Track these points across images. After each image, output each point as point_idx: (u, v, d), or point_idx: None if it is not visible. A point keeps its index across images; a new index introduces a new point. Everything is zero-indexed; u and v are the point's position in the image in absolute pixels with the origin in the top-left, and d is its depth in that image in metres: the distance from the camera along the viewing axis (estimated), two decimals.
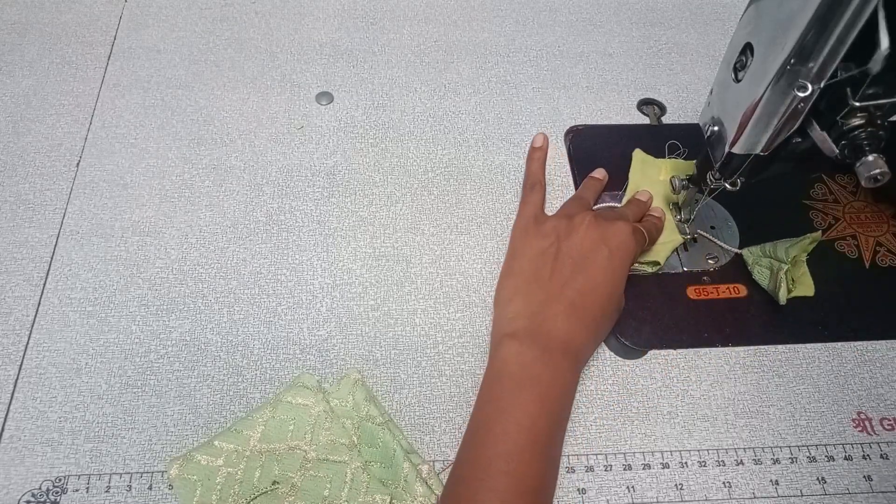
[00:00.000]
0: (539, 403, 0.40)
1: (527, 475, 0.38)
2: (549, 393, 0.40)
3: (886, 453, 0.45)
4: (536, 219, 0.49)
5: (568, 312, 0.43)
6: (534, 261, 0.46)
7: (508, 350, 0.42)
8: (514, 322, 0.44)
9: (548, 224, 0.48)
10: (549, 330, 0.43)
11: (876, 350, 0.49)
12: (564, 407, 0.42)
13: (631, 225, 0.47)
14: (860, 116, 0.39)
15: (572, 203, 0.52)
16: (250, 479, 0.41)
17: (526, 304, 0.44)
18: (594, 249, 0.45)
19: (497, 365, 0.42)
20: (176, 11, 0.67)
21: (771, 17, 0.38)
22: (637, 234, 0.48)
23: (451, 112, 0.61)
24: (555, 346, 0.42)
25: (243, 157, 0.57)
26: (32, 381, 0.46)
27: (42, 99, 0.60)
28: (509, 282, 0.47)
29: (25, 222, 0.53)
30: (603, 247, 0.46)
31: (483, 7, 0.69)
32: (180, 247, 0.52)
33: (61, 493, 0.42)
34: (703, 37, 0.68)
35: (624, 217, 0.49)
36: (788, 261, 0.49)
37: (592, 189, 0.54)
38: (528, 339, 0.42)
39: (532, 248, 0.47)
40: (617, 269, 0.45)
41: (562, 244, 0.46)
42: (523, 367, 0.41)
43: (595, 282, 0.45)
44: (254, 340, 0.48)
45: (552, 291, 0.44)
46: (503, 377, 0.41)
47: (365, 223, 0.54)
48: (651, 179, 0.55)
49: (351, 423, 0.44)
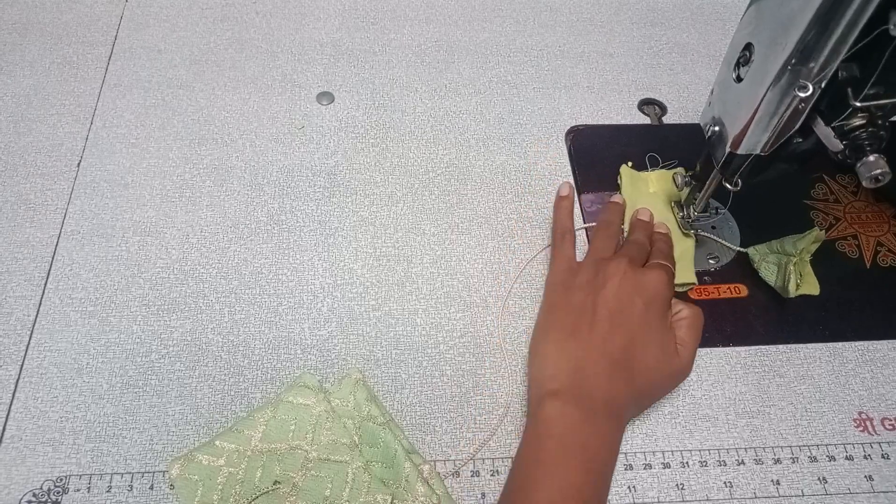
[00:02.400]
0: (584, 469, 0.38)
1: None
2: (595, 459, 0.39)
3: (888, 453, 0.45)
4: (570, 271, 0.48)
5: (610, 371, 0.42)
6: (571, 315, 0.45)
7: (552, 410, 0.40)
8: (554, 379, 0.42)
9: (581, 275, 0.46)
10: (592, 389, 0.41)
11: (877, 350, 0.49)
12: (608, 470, 0.40)
13: (665, 270, 0.46)
14: (861, 117, 0.39)
15: (601, 237, 0.50)
16: (252, 478, 0.41)
17: (567, 360, 0.43)
18: (629, 302, 0.44)
19: (540, 427, 0.40)
20: (177, 11, 0.67)
21: (772, 17, 0.38)
22: (670, 278, 0.46)
23: (451, 112, 0.61)
24: (599, 407, 0.41)
25: (244, 157, 0.57)
26: (34, 381, 0.46)
27: (43, 99, 0.60)
28: (547, 337, 0.45)
29: (26, 222, 0.53)
30: (638, 300, 0.44)
31: (483, 7, 0.69)
32: (181, 247, 0.52)
33: (62, 493, 0.42)
34: (704, 37, 0.68)
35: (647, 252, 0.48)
36: (797, 253, 0.49)
37: (616, 214, 0.52)
38: (571, 400, 0.41)
39: (568, 303, 0.45)
40: (655, 322, 0.44)
41: (598, 297, 0.44)
42: (567, 430, 0.40)
43: (634, 338, 0.43)
44: (255, 340, 0.48)
45: (592, 347, 0.43)
46: (547, 440, 0.40)
47: (366, 223, 0.54)
48: (643, 193, 0.55)
49: (352, 423, 0.44)
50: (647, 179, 0.55)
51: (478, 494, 0.43)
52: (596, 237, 0.50)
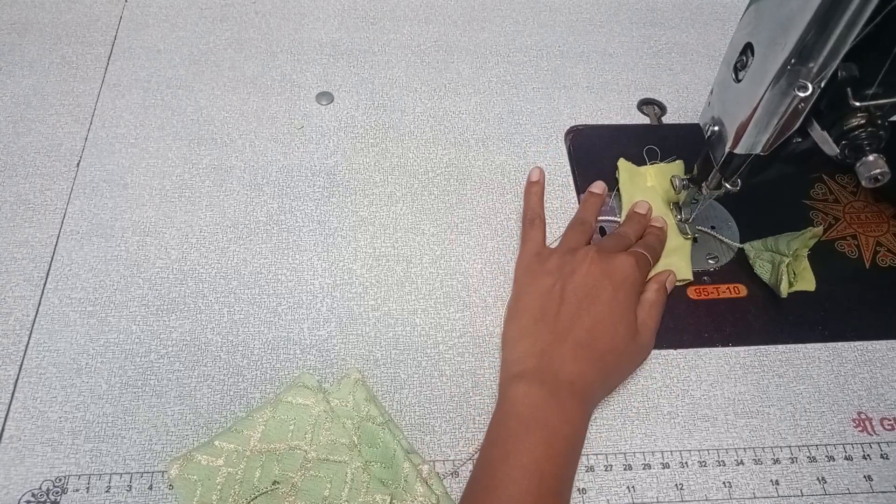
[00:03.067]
0: (546, 446, 0.39)
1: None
2: (556, 435, 0.40)
3: (887, 453, 0.45)
4: (539, 256, 0.48)
5: (575, 352, 0.43)
6: (539, 300, 0.46)
7: (516, 391, 0.41)
8: (521, 363, 0.43)
9: (550, 261, 0.47)
10: (557, 371, 0.42)
11: (876, 350, 0.49)
12: (573, 448, 0.41)
13: (633, 256, 0.47)
14: (860, 116, 0.39)
15: (574, 231, 0.51)
16: (251, 479, 0.41)
17: (533, 344, 0.44)
18: (598, 286, 0.45)
19: (505, 406, 0.42)
20: (176, 11, 0.67)
21: (771, 17, 0.38)
22: (641, 264, 0.47)
23: (451, 112, 0.61)
24: (562, 386, 0.41)
25: (243, 157, 0.57)
26: (33, 381, 0.46)
27: (42, 99, 0.60)
28: (515, 322, 0.46)
29: (26, 222, 0.53)
30: (607, 283, 0.45)
31: (483, 7, 0.69)
32: (180, 247, 0.52)
33: (61, 493, 0.42)
34: (704, 37, 0.68)
35: (625, 246, 0.49)
36: (790, 254, 0.49)
37: (593, 208, 0.53)
38: (535, 380, 0.42)
39: (536, 288, 0.46)
40: (622, 305, 0.45)
41: (566, 283, 0.45)
42: (530, 409, 0.40)
43: (601, 320, 0.44)
44: (254, 340, 0.48)
45: (559, 331, 0.44)
46: (510, 419, 0.41)
47: (365, 223, 0.54)
48: (640, 188, 0.55)
49: (351, 423, 0.44)
50: (644, 174, 0.55)
51: None
52: (568, 231, 0.51)
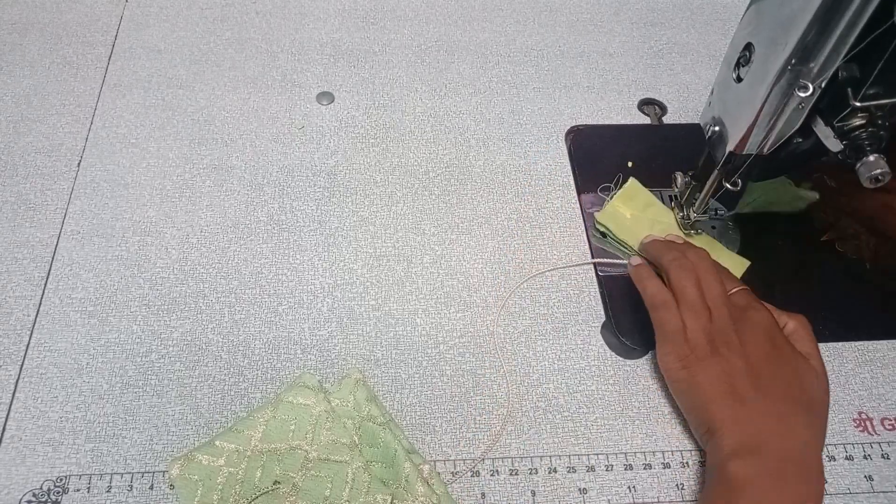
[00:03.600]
0: None
1: None
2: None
3: (887, 453, 0.45)
4: (687, 342, 0.44)
5: (786, 424, 0.40)
6: (720, 384, 0.42)
7: (740, 472, 0.39)
8: (737, 447, 0.40)
9: (701, 341, 0.43)
10: (777, 451, 0.39)
11: (876, 350, 0.49)
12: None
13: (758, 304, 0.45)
14: (861, 117, 0.39)
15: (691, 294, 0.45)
16: (251, 478, 0.41)
17: (741, 429, 0.40)
18: (758, 344, 0.43)
19: (728, 488, 0.39)
20: (176, 11, 0.67)
21: (772, 17, 0.38)
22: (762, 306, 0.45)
23: (451, 112, 0.61)
24: (788, 468, 0.39)
25: (244, 157, 0.57)
26: (33, 381, 0.46)
27: (43, 99, 0.60)
28: (711, 412, 0.42)
29: (26, 222, 0.53)
30: (762, 338, 0.43)
31: (483, 7, 0.69)
32: (181, 247, 0.52)
33: (62, 493, 0.42)
34: (704, 37, 0.68)
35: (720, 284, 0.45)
36: None
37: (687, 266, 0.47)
38: (760, 465, 0.39)
39: (708, 373, 0.42)
40: (787, 352, 0.43)
41: (732, 356, 0.42)
42: (759, 492, 0.38)
43: (787, 376, 0.42)
44: (255, 340, 0.48)
45: (759, 408, 0.41)
46: (738, 501, 0.38)
47: (366, 223, 0.54)
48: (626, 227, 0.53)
49: (352, 423, 0.44)
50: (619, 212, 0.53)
51: (477, 494, 0.43)
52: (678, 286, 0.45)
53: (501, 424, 0.45)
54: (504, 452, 0.44)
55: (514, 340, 0.49)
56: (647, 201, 0.54)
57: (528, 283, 0.52)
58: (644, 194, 0.54)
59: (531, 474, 0.44)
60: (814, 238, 0.54)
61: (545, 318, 0.50)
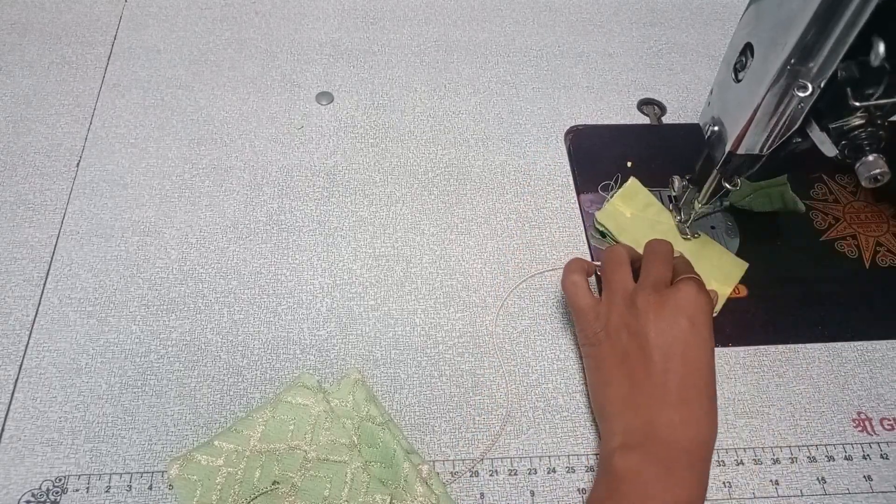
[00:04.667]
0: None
1: None
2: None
3: (886, 453, 0.45)
4: (598, 320, 0.44)
5: (682, 413, 0.39)
6: (621, 367, 0.42)
7: (623, 466, 0.39)
8: (626, 434, 0.40)
9: (614, 321, 0.43)
10: (667, 439, 0.39)
11: (876, 350, 0.49)
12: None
13: (693, 282, 0.43)
14: (860, 116, 0.39)
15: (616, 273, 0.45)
16: (250, 479, 0.41)
17: (634, 414, 0.40)
18: (673, 327, 0.41)
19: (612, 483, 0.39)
20: (176, 11, 0.67)
21: (771, 17, 0.38)
22: (700, 284, 0.43)
23: (451, 112, 0.61)
24: (677, 457, 0.39)
25: (243, 157, 0.57)
26: (32, 381, 0.46)
27: (42, 99, 0.60)
28: (606, 394, 0.43)
29: (25, 222, 0.53)
30: (682, 320, 0.41)
31: (483, 7, 0.69)
32: (180, 247, 0.52)
33: (61, 493, 0.42)
34: (703, 37, 0.68)
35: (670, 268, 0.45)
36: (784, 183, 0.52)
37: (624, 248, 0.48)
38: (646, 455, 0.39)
39: (612, 354, 0.43)
40: (704, 335, 0.41)
41: (640, 339, 0.42)
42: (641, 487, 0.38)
43: (693, 363, 0.41)
44: (254, 340, 0.48)
45: (655, 394, 0.40)
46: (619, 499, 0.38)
47: (365, 223, 0.54)
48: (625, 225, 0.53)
49: (351, 423, 0.44)
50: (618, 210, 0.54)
51: (477, 494, 0.43)
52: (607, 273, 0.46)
53: (500, 424, 0.45)
54: (503, 452, 0.44)
55: (513, 340, 0.49)
56: (648, 201, 0.54)
57: (528, 282, 0.52)
58: (644, 194, 0.54)
59: (530, 474, 0.44)
60: (814, 238, 0.54)
61: (545, 318, 0.50)
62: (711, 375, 0.41)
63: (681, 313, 0.41)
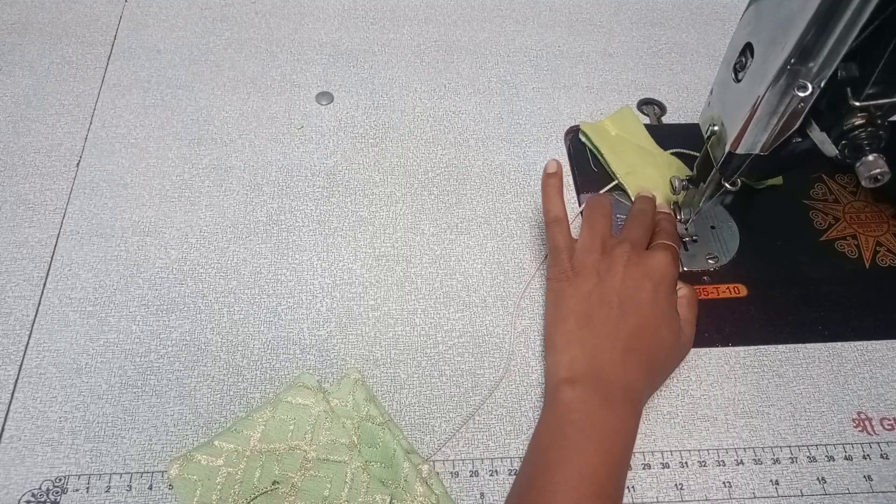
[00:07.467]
0: (603, 453, 0.39)
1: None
2: (613, 441, 0.40)
3: (886, 453, 0.45)
4: (571, 259, 0.47)
5: (625, 357, 0.43)
6: (580, 305, 0.45)
7: (569, 396, 0.41)
8: (571, 368, 0.43)
9: (586, 264, 0.46)
10: (609, 376, 0.42)
11: (876, 350, 0.49)
12: (626, 454, 0.41)
13: (668, 251, 0.47)
14: (860, 116, 0.39)
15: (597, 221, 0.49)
16: (250, 479, 0.41)
17: (582, 349, 0.43)
18: (638, 287, 0.45)
19: (557, 411, 0.41)
20: (176, 11, 0.67)
21: (771, 17, 0.38)
22: (675, 258, 0.47)
23: (451, 112, 0.61)
24: (615, 392, 0.41)
25: (243, 157, 0.57)
26: (32, 381, 0.46)
27: (42, 99, 0.60)
28: (560, 327, 0.45)
29: (25, 222, 0.53)
30: (647, 282, 0.45)
31: (483, 7, 0.69)
32: (180, 247, 0.52)
33: (61, 493, 0.42)
34: (703, 37, 0.68)
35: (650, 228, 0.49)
36: None
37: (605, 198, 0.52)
38: (589, 386, 0.41)
39: (576, 291, 0.45)
40: (663, 304, 0.45)
41: (605, 285, 0.45)
42: (586, 415, 0.40)
43: (646, 321, 0.44)
44: (254, 340, 0.48)
45: (606, 335, 0.43)
46: (566, 425, 0.40)
47: (365, 223, 0.54)
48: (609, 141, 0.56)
49: (351, 423, 0.44)
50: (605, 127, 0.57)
51: (477, 494, 0.43)
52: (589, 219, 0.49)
53: (501, 424, 0.45)
54: (503, 452, 0.44)
55: (513, 340, 0.49)
56: (636, 129, 0.55)
57: (528, 283, 0.52)
58: (633, 120, 0.55)
59: None
60: (814, 238, 0.54)
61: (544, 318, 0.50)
62: (663, 343, 0.44)
63: (648, 277, 0.45)
